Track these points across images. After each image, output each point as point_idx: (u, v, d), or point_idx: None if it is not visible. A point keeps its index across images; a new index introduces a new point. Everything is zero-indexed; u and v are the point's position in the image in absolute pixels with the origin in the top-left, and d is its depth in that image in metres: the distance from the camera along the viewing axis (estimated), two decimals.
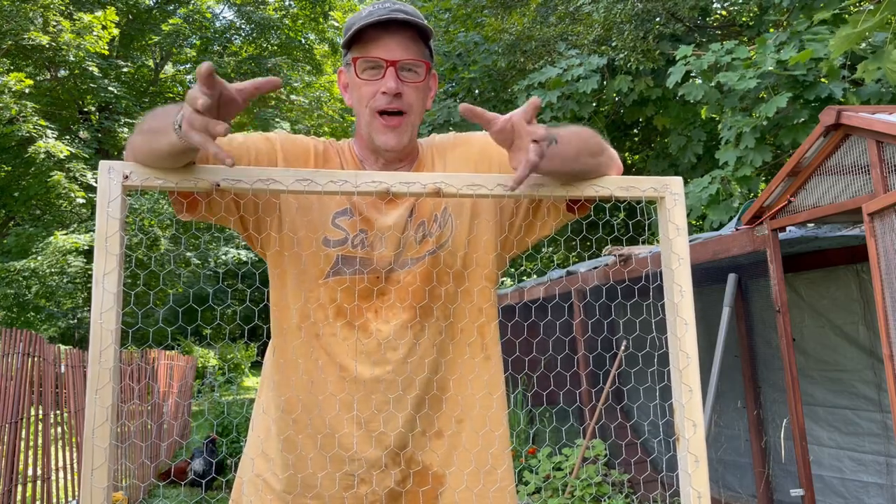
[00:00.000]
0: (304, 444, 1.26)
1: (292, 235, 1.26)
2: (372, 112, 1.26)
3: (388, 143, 1.27)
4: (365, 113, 1.27)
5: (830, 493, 4.25)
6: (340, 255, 1.26)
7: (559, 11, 8.43)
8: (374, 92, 1.25)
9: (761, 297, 4.64)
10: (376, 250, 1.27)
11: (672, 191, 1.19)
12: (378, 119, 1.26)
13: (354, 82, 1.28)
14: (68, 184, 12.44)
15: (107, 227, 1.05)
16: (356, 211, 1.28)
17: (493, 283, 1.36)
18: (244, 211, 1.26)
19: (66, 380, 4.96)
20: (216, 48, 17.80)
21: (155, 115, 1.08)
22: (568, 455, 5.22)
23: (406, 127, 1.27)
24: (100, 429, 1.01)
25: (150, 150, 1.04)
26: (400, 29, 1.24)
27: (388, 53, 1.23)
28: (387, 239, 1.27)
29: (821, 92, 5.18)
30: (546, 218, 1.32)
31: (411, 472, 1.27)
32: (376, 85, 1.24)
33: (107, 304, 1.03)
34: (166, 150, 1.00)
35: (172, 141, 0.97)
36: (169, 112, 1.01)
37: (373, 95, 1.25)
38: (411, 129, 1.28)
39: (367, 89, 1.26)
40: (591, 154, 1.17)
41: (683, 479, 1.13)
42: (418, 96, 1.28)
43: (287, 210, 1.27)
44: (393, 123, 1.26)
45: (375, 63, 1.24)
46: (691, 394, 1.13)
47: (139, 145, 1.07)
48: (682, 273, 1.16)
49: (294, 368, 1.27)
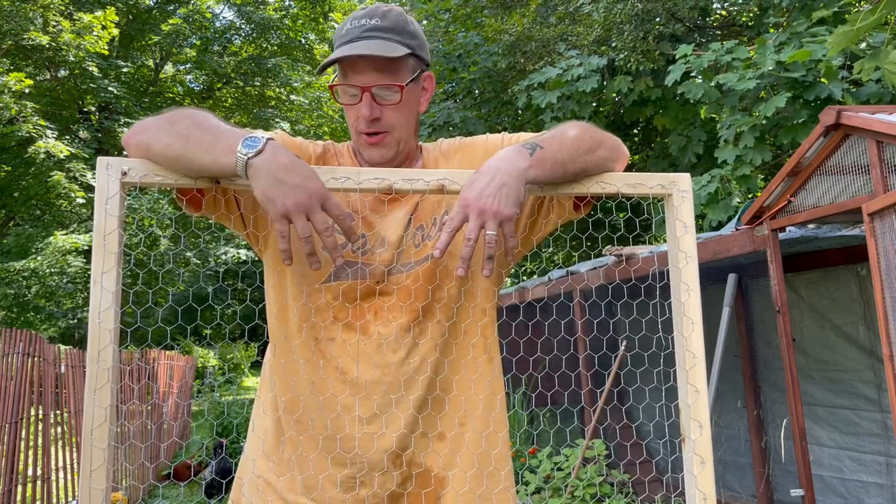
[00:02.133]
0: (305, 446, 1.25)
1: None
2: (357, 133, 1.29)
3: (373, 159, 1.29)
4: (353, 134, 1.31)
5: (830, 493, 4.24)
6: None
7: (559, 12, 8.42)
8: (356, 116, 1.27)
9: (761, 297, 4.64)
10: (376, 253, 1.26)
11: (680, 188, 1.17)
12: (363, 137, 1.28)
13: (342, 101, 1.31)
14: (68, 184, 12.43)
15: (105, 224, 1.04)
16: (355, 214, 1.27)
17: (497, 284, 1.36)
18: (244, 208, 1.25)
19: (66, 380, 4.95)
20: (216, 48, 17.79)
21: (197, 122, 1.08)
22: (568, 455, 5.21)
23: (390, 142, 1.29)
24: (98, 429, 1.01)
25: (180, 154, 1.05)
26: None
27: (361, 79, 1.24)
28: (386, 242, 1.27)
29: (820, 92, 5.18)
30: (550, 215, 1.32)
31: (413, 473, 1.26)
32: (356, 110, 1.26)
33: (105, 303, 1.02)
34: (202, 166, 1.05)
35: (222, 164, 1.04)
36: (222, 130, 1.06)
37: (356, 118, 1.27)
38: (397, 144, 1.30)
39: (349, 112, 1.28)
40: (587, 151, 1.16)
41: (689, 481, 1.12)
42: (400, 114, 1.28)
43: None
44: (375, 140, 1.28)
45: (352, 90, 1.26)
46: (697, 394, 1.12)
47: (165, 143, 1.07)
48: (689, 271, 1.14)
49: (295, 370, 1.26)
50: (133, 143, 1.11)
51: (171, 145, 1.06)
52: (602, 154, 1.19)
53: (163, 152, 1.07)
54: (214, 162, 1.04)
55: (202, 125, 1.08)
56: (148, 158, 1.09)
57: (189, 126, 1.07)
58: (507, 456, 1.34)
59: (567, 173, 1.15)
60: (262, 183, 1.03)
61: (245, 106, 18.66)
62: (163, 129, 1.09)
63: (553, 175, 1.13)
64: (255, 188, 1.04)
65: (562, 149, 1.14)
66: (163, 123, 1.10)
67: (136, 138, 1.11)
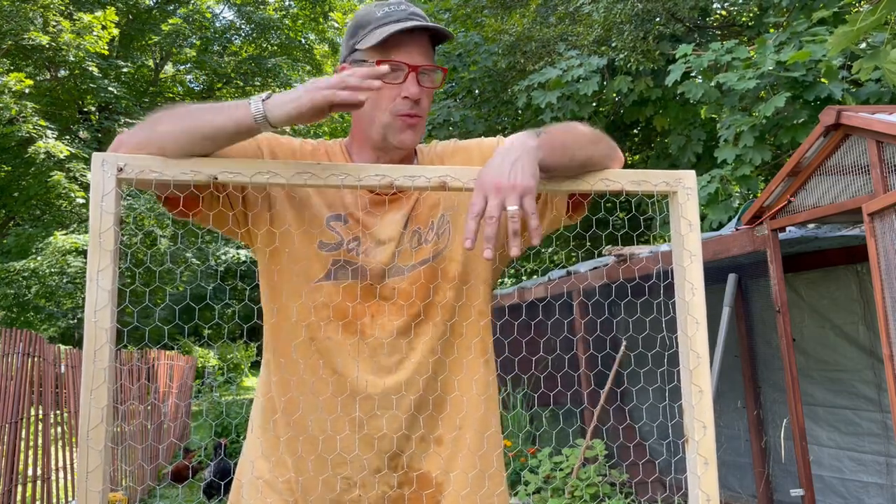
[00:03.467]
0: (303, 447, 1.24)
1: (288, 232, 1.24)
2: (392, 114, 1.25)
3: (406, 141, 1.26)
4: (381, 115, 1.25)
5: (830, 493, 4.24)
6: (335, 259, 1.24)
7: (559, 12, 8.42)
8: (395, 96, 1.24)
9: (761, 297, 4.63)
10: (370, 256, 1.25)
11: (685, 185, 1.15)
12: (399, 119, 1.25)
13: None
14: (68, 184, 12.42)
15: (101, 221, 1.03)
16: (350, 216, 1.26)
17: (492, 286, 1.35)
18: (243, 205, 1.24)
19: (66, 380, 4.95)
20: (216, 48, 17.78)
21: (187, 106, 1.12)
22: (568, 455, 5.21)
23: (421, 128, 1.28)
24: (95, 430, 1.00)
25: (190, 126, 1.08)
26: (419, 33, 1.24)
27: (410, 58, 1.23)
28: (382, 246, 1.26)
29: (820, 92, 5.17)
30: (543, 221, 1.31)
31: (413, 476, 1.25)
32: (396, 89, 1.23)
33: (101, 302, 1.01)
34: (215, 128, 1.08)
35: (236, 116, 1.07)
36: (218, 103, 1.11)
37: (392, 99, 1.24)
38: (422, 132, 1.30)
39: (386, 92, 1.24)
40: (591, 141, 1.16)
41: (692, 482, 1.10)
42: (429, 102, 1.29)
43: (281, 208, 1.25)
44: (414, 122, 1.26)
45: (397, 67, 1.23)
46: (701, 395, 1.11)
47: (167, 128, 1.08)
48: (693, 270, 1.13)
49: (291, 370, 1.25)
50: (133, 143, 1.10)
51: (176, 125, 1.08)
52: (605, 148, 1.18)
53: (169, 133, 1.08)
54: (229, 118, 1.07)
55: (194, 105, 1.13)
56: (149, 148, 1.08)
57: (185, 108, 1.12)
58: (501, 459, 1.34)
59: (573, 160, 1.13)
60: (283, 99, 1.07)
61: None
62: (157, 121, 1.11)
63: (561, 160, 1.12)
64: (277, 113, 1.06)
65: (567, 135, 1.14)
66: (151, 120, 1.12)
67: (134, 138, 1.10)
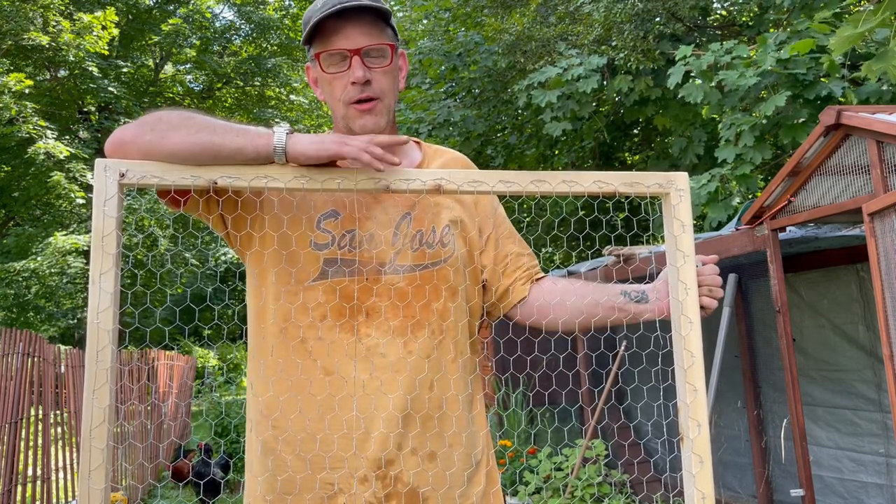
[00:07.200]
0: (285, 449, 1.21)
1: (274, 234, 1.22)
2: (345, 104, 1.25)
3: (367, 127, 1.25)
4: (339, 106, 1.26)
5: (830, 493, 4.24)
6: (326, 259, 1.22)
7: (559, 11, 8.41)
8: (344, 85, 1.23)
9: (761, 297, 4.64)
10: (362, 249, 1.23)
11: (677, 186, 1.17)
12: (352, 107, 1.24)
13: (322, 77, 1.27)
14: (68, 184, 12.43)
15: (103, 225, 1.04)
16: (343, 210, 1.24)
17: (481, 314, 1.37)
18: (223, 209, 1.23)
19: (66, 380, 4.95)
20: (216, 48, 17.79)
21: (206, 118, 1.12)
22: (568, 455, 5.21)
23: (382, 110, 1.26)
24: (97, 430, 1.00)
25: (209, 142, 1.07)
26: (358, 15, 1.22)
27: (349, 42, 1.21)
28: (375, 239, 1.24)
29: (820, 91, 5.17)
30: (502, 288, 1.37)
31: (403, 491, 1.21)
32: (344, 77, 1.23)
33: (104, 304, 1.02)
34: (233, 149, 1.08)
35: (258, 144, 1.07)
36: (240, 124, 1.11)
37: (343, 88, 1.24)
38: (387, 112, 1.27)
39: (336, 83, 1.24)
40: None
41: (687, 480, 1.11)
42: (388, 79, 1.26)
43: (269, 210, 1.23)
44: (368, 107, 1.24)
45: (339, 54, 1.22)
46: (696, 393, 1.12)
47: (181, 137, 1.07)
48: (687, 270, 1.15)
49: (276, 373, 1.23)
50: (139, 144, 1.08)
51: (193, 136, 1.07)
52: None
53: (183, 143, 1.07)
54: (251, 143, 1.08)
55: (209, 119, 1.12)
56: (158, 154, 1.08)
57: (202, 120, 1.10)
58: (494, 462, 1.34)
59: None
60: (307, 139, 1.09)
61: (245, 106, 18.64)
62: (170, 126, 1.09)
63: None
64: (298, 151, 1.08)
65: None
66: (161, 124, 1.09)
67: (140, 139, 1.08)
